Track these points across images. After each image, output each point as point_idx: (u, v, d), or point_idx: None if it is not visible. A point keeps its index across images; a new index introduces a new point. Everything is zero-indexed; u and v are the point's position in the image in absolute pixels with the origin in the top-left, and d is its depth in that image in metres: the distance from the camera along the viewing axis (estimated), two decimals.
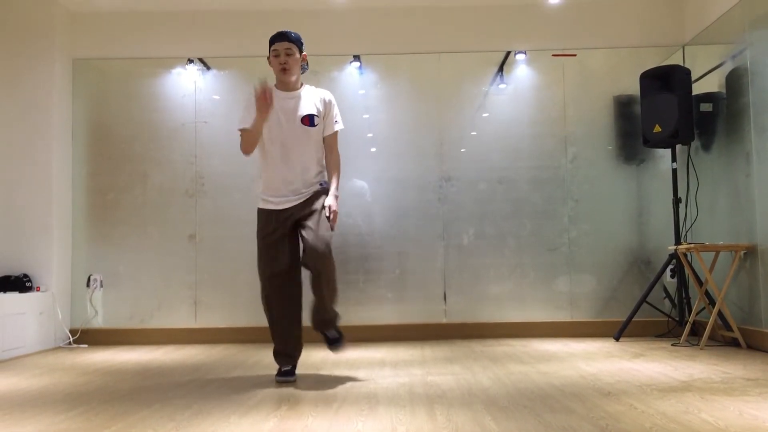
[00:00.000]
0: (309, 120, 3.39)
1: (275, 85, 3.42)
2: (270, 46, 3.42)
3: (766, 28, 4.11)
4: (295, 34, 3.43)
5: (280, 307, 3.42)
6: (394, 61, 5.35)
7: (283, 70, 3.38)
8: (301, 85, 3.49)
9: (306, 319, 3.47)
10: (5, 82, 5.09)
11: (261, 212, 3.45)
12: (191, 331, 5.18)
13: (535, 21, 5.34)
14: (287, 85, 3.44)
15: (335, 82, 5.30)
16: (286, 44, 3.37)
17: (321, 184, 3.45)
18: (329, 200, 3.38)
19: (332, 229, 3.34)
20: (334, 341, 3.49)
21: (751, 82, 4.26)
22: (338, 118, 3.53)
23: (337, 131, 3.52)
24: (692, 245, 4.41)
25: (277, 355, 3.48)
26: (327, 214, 3.33)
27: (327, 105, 3.48)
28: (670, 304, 5.03)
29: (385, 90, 5.34)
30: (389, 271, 5.22)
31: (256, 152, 3.43)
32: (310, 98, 3.45)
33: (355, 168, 5.16)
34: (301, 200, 3.39)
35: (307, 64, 3.55)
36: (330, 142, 3.50)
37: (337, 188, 3.46)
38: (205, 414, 2.68)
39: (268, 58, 3.45)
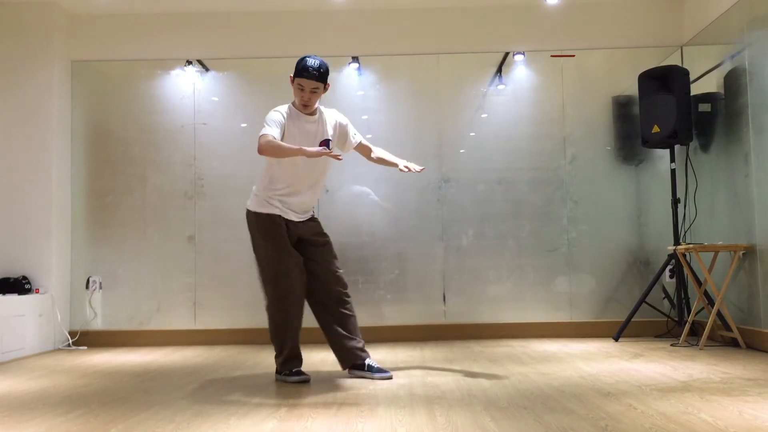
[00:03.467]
0: (326, 144, 3.46)
1: (293, 104, 3.46)
2: (297, 73, 3.34)
3: (764, 29, 4.11)
4: (324, 68, 3.38)
5: (298, 305, 3.46)
6: (392, 63, 5.36)
7: (305, 106, 3.42)
8: (316, 109, 3.50)
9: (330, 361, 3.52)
10: (4, 84, 5.09)
11: (270, 217, 3.43)
12: (191, 332, 5.18)
13: (533, 22, 5.35)
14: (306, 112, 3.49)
15: (334, 84, 5.26)
16: (313, 84, 3.35)
17: (313, 209, 3.64)
18: (407, 163, 3.59)
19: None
20: (380, 369, 3.51)
21: (749, 82, 4.26)
22: (355, 132, 3.67)
23: (361, 140, 3.67)
24: (691, 245, 4.41)
25: (289, 360, 3.47)
26: (416, 169, 3.55)
27: (342, 128, 3.59)
28: (670, 305, 5.04)
29: (384, 91, 5.34)
30: (388, 272, 5.22)
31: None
32: (326, 123, 3.51)
33: (354, 170, 5.15)
34: (303, 219, 3.53)
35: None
36: (363, 145, 3.67)
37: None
38: (204, 415, 2.68)
39: (292, 77, 3.38)
